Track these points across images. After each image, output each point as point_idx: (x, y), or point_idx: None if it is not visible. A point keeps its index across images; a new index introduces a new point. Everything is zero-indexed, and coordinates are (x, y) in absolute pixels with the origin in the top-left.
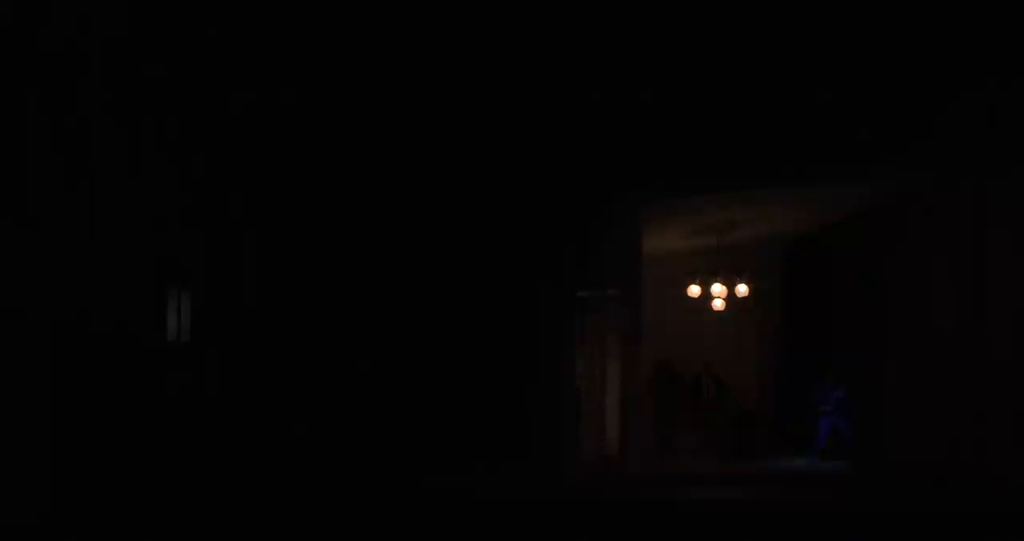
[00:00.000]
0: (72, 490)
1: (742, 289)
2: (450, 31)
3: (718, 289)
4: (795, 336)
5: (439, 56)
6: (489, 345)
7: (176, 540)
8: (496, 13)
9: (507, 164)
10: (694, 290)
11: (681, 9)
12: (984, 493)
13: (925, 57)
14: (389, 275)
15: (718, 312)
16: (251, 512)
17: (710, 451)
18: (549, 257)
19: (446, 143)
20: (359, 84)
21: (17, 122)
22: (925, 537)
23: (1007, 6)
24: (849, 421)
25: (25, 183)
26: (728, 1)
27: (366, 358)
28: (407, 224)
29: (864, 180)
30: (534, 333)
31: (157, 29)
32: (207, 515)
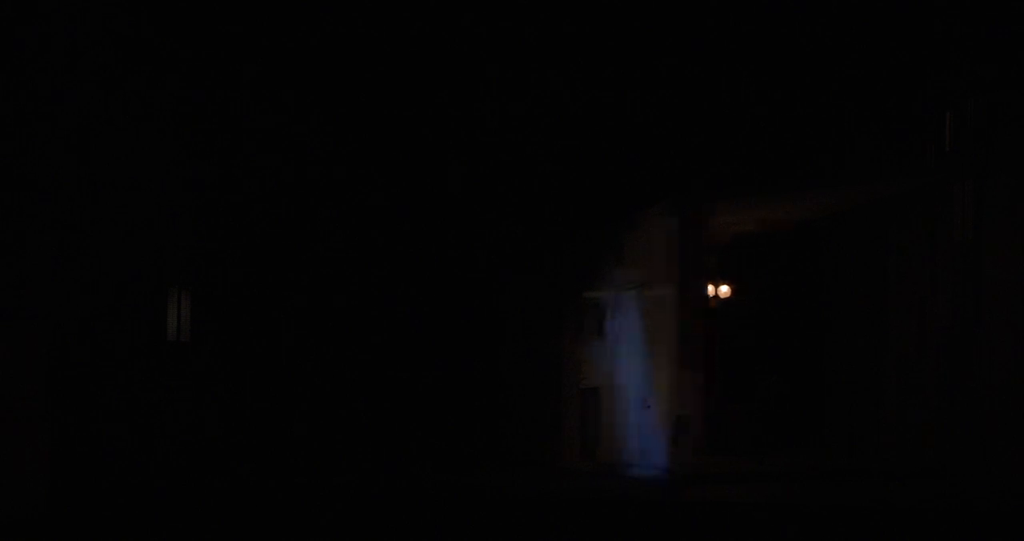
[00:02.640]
0: (70, 487)
1: (724, 289)
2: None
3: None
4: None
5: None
6: (481, 344)
7: (175, 538)
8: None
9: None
10: None
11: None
12: (979, 491)
13: (926, 62)
14: (388, 273)
15: None
16: (249, 508)
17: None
18: (555, 262)
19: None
20: (376, 76)
21: (20, 123)
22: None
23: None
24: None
25: (26, 184)
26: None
27: (365, 355)
28: (409, 224)
29: (874, 179)
30: (531, 334)
31: (158, 32)
32: (206, 512)
